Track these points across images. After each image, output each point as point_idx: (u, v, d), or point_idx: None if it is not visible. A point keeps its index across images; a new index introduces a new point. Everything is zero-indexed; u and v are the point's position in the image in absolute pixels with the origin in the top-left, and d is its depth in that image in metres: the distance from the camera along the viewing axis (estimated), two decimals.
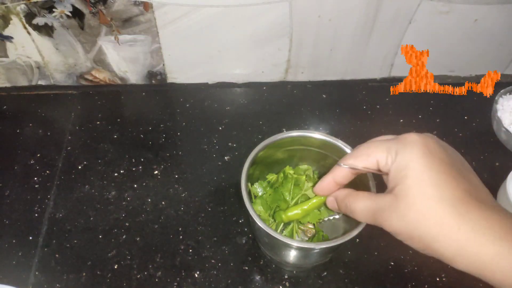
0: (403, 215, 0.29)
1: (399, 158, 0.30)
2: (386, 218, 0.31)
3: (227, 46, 0.67)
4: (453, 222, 0.27)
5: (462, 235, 0.27)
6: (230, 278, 0.52)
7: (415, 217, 0.29)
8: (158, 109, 0.69)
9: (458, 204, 0.28)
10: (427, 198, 0.28)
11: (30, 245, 0.55)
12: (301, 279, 0.53)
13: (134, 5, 0.60)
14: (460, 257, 0.28)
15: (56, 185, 0.60)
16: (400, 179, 0.29)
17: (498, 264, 0.27)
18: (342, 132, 0.67)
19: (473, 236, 0.27)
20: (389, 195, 0.31)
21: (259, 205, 0.50)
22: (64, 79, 0.72)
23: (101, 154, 0.63)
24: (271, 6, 0.60)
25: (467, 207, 0.28)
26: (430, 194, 0.28)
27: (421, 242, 0.29)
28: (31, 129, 0.67)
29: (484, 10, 0.63)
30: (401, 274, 0.53)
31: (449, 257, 0.28)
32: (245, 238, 0.56)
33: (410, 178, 0.29)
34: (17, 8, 0.60)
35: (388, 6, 0.61)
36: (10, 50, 0.66)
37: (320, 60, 0.70)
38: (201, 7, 0.60)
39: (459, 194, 0.28)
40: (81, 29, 0.63)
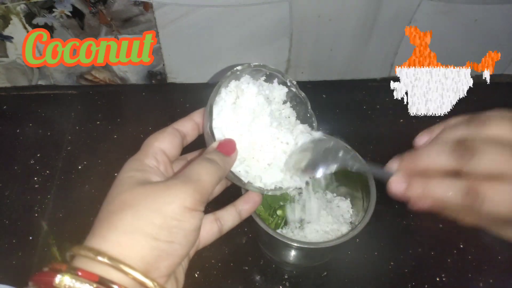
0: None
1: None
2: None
3: (227, 46, 0.67)
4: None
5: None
6: (230, 278, 0.52)
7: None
8: (158, 109, 0.69)
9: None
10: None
11: (30, 245, 0.55)
12: (301, 279, 0.53)
13: (134, 5, 0.60)
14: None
15: (56, 185, 0.60)
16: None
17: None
18: (342, 132, 0.67)
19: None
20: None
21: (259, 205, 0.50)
22: (64, 79, 0.72)
23: (101, 154, 0.63)
24: (271, 6, 0.60)
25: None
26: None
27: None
28: (31, 129, 0.67)
29: (484, 10, 0.63)
30: (401, 274, 0.53)
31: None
32: (245, 238, 0.56)
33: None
34: (17, 8, 0.60)
35: (388, 6, 0.61)
36: (10, 50, 0.66)
37: (320, 60, 0.70)
38: (201, 7, 0.60)
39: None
40: (81, 29, 0.63)
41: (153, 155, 0.33)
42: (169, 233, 0.28)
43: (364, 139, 0.66)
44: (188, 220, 0.29)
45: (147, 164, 0.32)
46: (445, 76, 0.31)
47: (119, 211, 0.28)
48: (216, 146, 0.35)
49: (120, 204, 0.29)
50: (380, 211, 0.46)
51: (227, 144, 0.35)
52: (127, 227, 0.27)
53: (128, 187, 0.30)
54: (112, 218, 0.28)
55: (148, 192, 0.29)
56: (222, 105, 0.38)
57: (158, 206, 0.28)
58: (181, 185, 0.29)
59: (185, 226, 0.29)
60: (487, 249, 0.56)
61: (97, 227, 0.28)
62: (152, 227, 0.28)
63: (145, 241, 0.27)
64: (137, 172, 0.31)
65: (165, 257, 0.28)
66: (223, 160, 0.33)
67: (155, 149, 0.33)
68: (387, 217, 0.58)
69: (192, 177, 0.30)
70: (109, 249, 0.27)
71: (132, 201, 0.29)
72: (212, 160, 0.32)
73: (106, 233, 0.28)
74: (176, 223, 0.28)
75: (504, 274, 0.54)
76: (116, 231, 0.27)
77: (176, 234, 0.28)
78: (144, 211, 0.28)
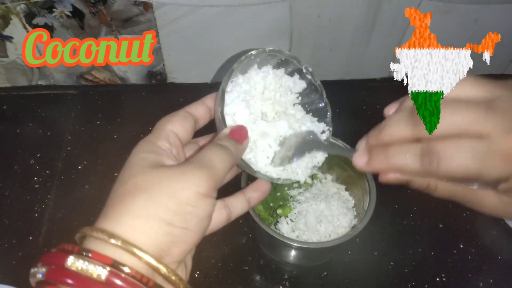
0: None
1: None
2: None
3: (227, 46, 0.67)
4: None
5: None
6: (230, 278, 0.52)
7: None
8: (158, 109, 0.69)
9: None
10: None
11: (30, 245, 0.55)
12: (301, 279, 0.53)
13: (134, 5, 0.60)
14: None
15: (56, 185, 0.60)
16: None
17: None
18: (342, 132, 0.67)
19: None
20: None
21: (259, 205, 0.50)
22: (64, 79, 0.72)
23: (101, 154, 0.63)
24: (271, 6, 0.60)
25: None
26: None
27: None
28: (31, 129, 0.67)
29: (484, 10, 0.63)
30: (401, 274, 0.53)
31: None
32: (245, 238, 0.56)
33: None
34: (17, 8, 0.60)
35: (388, 6, 0.61)
36: (10, 50, 0.66)
37: (320, 60, 0.70)
38: (201, 7, 0.60)
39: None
40: (81, 29, 0.63)
41: (166, 138, 0.32)
42: (184, 219, 0.28)
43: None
44: (202, 206, 0.28)
45: (160, 146, 0.32)
46: (445, 58, 0.31)
47: (133, 194, 0.28)
48: (228, 132, 0.34)
49: (134, 187, 0.28)
50: (380, 211, 0.46)
51: (239, 131, 0.34)
52: (141, 211, 0.27)
53: (141, 170, 0.29)
54: (125, 201, 0.28)
55: (162, 176, 0.28)
56: (236, 91, 0.37)
57: (173, 191, 0.28)
58: (195, 171, 0.29)
59: (199, 212, 0.28)
60: (487, 249, 0.56)
61: (109, 209, 0.28)
62: (167, 213, 0.27)
63: (159, 226, 0.27)
64: (150, 154, 0.31)
65: (178, 243, 0.27)
66: (235, 147, 0.33)
67: (167, 132, 0.33)
68: (387, 217, 0.58)
69: (206, 163, 0.30)
70: (122, 232, 0.26)
71: (146, 185, 0.28)
72: (224, 146, 0.32)
73: (119, 216, 0.27)
74: (191, 209, 0.28)
75: (504, 274, 0.54)
76: (130, 214, 0.27)
77: (190, 221, 0.28)
78: (158, 195, 0.27)
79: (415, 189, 0.31)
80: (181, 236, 0.28)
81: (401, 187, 0.62)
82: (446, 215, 0.58)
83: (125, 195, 0.28)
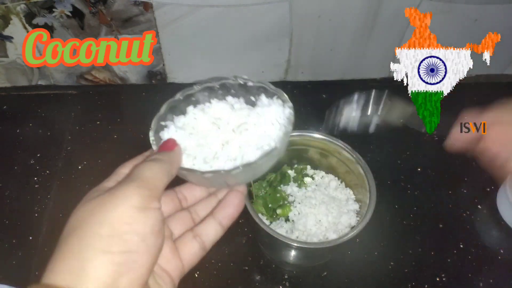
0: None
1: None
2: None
3: (227, 46, 0.67)
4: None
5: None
6: (230, 278, 0.52)
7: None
8: (158, 109, 0.69)
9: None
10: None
11: (30, 245, 0.55)
12: (301, 279, 0.53)
13: (134, 5, 0.60)
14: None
15: (56, 185, 0.60)
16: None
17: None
18: (342, 132, 0.67)
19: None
20: None
21: (259, 205, 0.50)
22: (64, 79, 0.72)
23: (101, 154, 0.63)
24: (271, 6, 0.60)
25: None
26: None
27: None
28: (31, 129, 0.67)
29: (484, 10, 0.63)
30: (401, 274, 0.53)
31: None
32: (245, 238, 0.56)
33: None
34: (17, 8, 0.60)
35: (388, 6, 0.61)
36: (10, 50, 0.66)
37: (320, 60, 0.70)
38: (201, 7, 0.60)
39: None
40: (81, 29, 0.63)
41: (116, 179, 0.30)
42: (122, 242, 0.24)
43: (365, 138, 0.66)
44: (141, 220, 0.25)
45: (105, 186, 0.29)
46: (445, 58, 0.31)
47: (67, 236, 0.25)
48: (156, 150, 0.33)
49: (69, 229, 0.26)
50: (380, 211, 0.46)
51: (166, 142, 0.33)
52: (75, 249, 0.24)
53: (77, 209, 0.27)
54: (60, 246, 0.25)
55: (93, 206, 0.26)
56: (171, 130, 0.37)
57: (104, 214, 0.25)
58: (123, 186, 0.26)
59: (138, 228, 0.25)
60: (487, 249, 0.56)
61: (51, 259, 0.25)
62: (100, 240, 0.24)
63: (95, 258, 0.24)
64: (92, 193, 0.28)
65: (124, 271, 0.24)
66: (166, 155, 0.31)
67: (119, 174, 0.31)
68: (387, 217, 0.58)
69: (133, 177, 0.27)
70: (59, 280, 0.24)
71: (78, 221, 0.26)
72: (154, 158, 0.30)
73: (54, 264, 0.25)
74: (127, 227, 0.25)
75: (504, 274, 0.54)
76: (64, 258, 0.24)
77: (130, 241, 0.25)
78: (89, 226, 0.25)
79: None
80: (125, 262, 0.24)
81: (401, 187, 0.62)
82: (446, 215, 0.58)
83: (62, 241, 0.26)
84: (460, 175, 0.62)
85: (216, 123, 0.37)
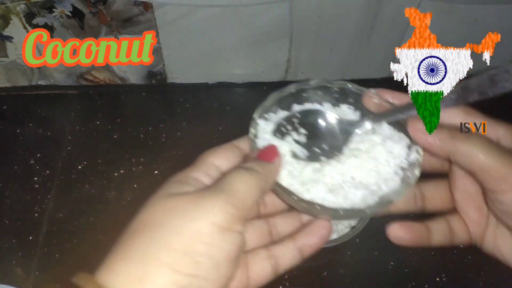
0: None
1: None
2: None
3: (227, 46, 0.67)
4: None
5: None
6: None
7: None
8: (158, 109, 0.69)
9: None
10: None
11: (30, 245, 0.55)
12: (301, 279, 0.53)
13: (134, 5, 0.60)
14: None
15: (56, 185, 0.60)
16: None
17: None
18: None
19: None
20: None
21: None
22: (64, 79, 0.72)
23: (101, 154, 0.63)
24: (271, 6, 0.60)
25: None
26: None
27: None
28: (31, 129, 0.67)
29: (484, 10, 0.63)
30: (401, 274, 0.53)
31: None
32: None
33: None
34: (17, 8, 0.60)
35: (388, 6, 0.61)
36: (10, 50, 0.66)
37: (320, 60, 0.70)
38: (201, 7, 0.60)
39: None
40: (81, 29, 0.63)
41: (205, 171, 0.27)
42: (193, 263, 0.22)
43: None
44: (220, 244, 0.22)
45: (193, 177, 0.26)
46: (445, 58, 0.31)
47: (135, 233, 0.23)
48: (255, 155, 0.28)
49: (138, 224, 0.24)
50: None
51: (268, 150, 0.28)
52: (139, 254, 0.22)
53: (153, 201, 0.25)
54: (125, 243, 0.23)
55: (171, 206, 0.23)
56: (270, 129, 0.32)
57: (181, 224, 0.22)
58: (210, 197, 0.23)
59: (214, 253, 0.22)
60: None
61: (110, 253, 0.23)
62: (170, 254, 0.22)
63: (158, 273, 0.21)
64: (175, 183, 0.26)
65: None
66: (263, 166, 0.26)
67: (208, 165, 0.27)
68: (387, 217, 0.58)
69: (223, 187, 0.24)
70: (115, 283, 0.22)
71: (151, 219, 0.24)
72: (249, 168, 0.26)
73: (113, 262, 0.23)
74: (203, 248, 0.22)
75: (504, 274, 0.54)
76: (126, 259, 0.22)
77: (202, 265, 0.22)
78: (162, 231, 0.22)
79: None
80: (190, 287, 0.21)
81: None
82: (446, 215, 0.58)
83: (128, 235, 0.24)
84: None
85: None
